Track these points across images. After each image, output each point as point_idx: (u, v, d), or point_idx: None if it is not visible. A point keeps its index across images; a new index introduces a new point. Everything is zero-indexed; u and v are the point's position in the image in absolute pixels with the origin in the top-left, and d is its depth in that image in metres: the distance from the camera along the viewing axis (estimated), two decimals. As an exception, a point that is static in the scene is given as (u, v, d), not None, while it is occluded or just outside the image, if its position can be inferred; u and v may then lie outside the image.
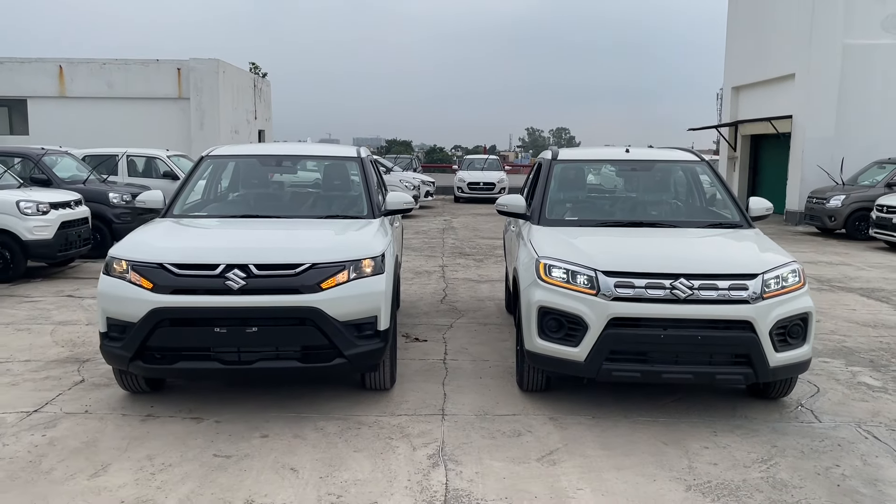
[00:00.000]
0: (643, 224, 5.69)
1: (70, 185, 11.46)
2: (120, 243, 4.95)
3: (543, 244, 5.12)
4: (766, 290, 4.56)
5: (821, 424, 4.77)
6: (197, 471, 3.96)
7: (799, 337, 4.69)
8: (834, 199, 15.61)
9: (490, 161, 27.76)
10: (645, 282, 4.54)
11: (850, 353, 6.50)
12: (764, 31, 20.97)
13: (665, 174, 6.56)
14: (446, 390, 5.32)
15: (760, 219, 5.79)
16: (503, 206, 6.05)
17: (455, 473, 3.97)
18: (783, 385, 5.02)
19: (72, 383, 5.43)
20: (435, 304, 8.41)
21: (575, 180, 6.53)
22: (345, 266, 4.66)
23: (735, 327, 4.52)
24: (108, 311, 4.64)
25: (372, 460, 4.12)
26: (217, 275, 4.48)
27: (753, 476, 3.99)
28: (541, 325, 4.79)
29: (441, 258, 12.10)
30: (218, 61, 23.14)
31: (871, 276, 10.74)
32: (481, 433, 4.53)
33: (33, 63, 22.93)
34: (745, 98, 22.91)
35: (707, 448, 4.36)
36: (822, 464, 4.16)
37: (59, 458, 4.11)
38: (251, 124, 26.81)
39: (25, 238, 9.36)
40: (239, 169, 6.65)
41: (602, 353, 4.57)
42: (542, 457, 4.20)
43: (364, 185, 6.05)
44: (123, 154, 14.80)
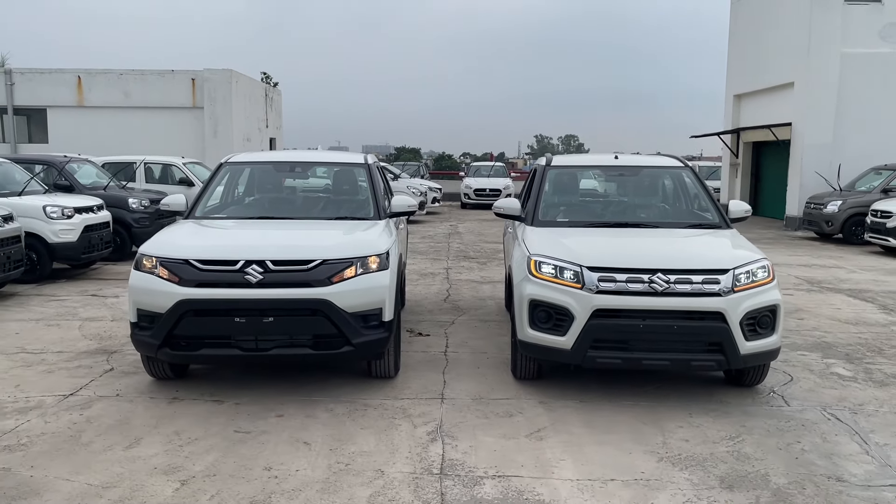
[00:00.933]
0: (628, 225, 6.13)
1: (91, 192, 12.00)
2: (149, 242, 5.44)
3: (535, 243, 5.58)
4: (736, 284, 4.99)
5: (789, 408, 5.19)
6: (220, 444, 4.43)
7: (768, 327, 5.11)
8: (831, 205, 15.97)
9: (496, 168, 28.23)
10: (626, 276, 4.98)
11: (828, 347, 6.91)
12: (764, 41, 21.39)
13: (651, 179, 7.02)
14: (446, 378, 5.78)
15: (739, 220, 6.22)
16: (501, 209, 6.51)
17: (451, 447, 4.42)
18: (756, 372, 5.44)
19: (102, 371, 5.91)
20: (438, 302, 8.86)
21: (566, 185, 6.99)
22: (353, 262, 5.13)
23: (708, 318, 4.96)
24: (139, 303, 5.13)
25: (377, 436, 4.58)
26: (237, 269, 4.96)
27: (720, 450, 4.42)
28: (531, 317, 5.24)
29: (446, 261, 12.56)
30: (231, 72, 23.77)
31: (861, 279, 11.11)
32: (476, 414, 4.98)
33: (53, 73, 23.64)
34: (747, 105, 23.31)
35: (681, 427, 4.79)
36: (785, 440, 4.58)
37: (97, 433, 4.58)
38: (263, 132, 27.43)
39: (51, 241, 9.89)
40: (255, 174, 7.15)
41: (587, 342, 5.01)
42: (531, 434, 4.64)
43: (371, 189, 6.53)
44: (141, 161, 15.37)
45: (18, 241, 9.01)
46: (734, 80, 23.77)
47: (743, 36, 23.09)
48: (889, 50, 18.59)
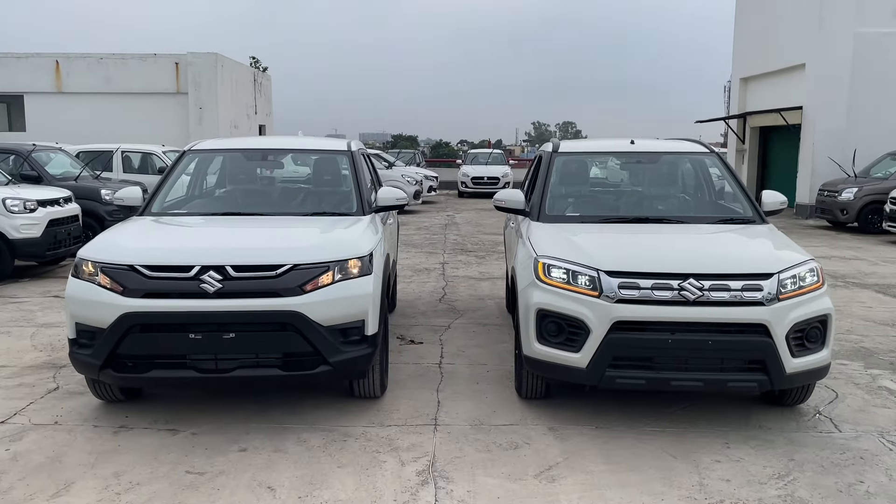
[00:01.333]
0: (649, 220, 5.36)
1: (62, 182, 11.20)
2: (89, 244, 4.66)
3: (542, 242, 4.80)
4: (782, 291, 4.23)
5: (841, 434, 4.44)
6: (166, 490, 3.67)
7: (817, 341, 4.36)
8: (846, 192, 15.22)
9: (494, 155, 27.42)
10: (651, 282, 4.21)
11: (869, 354, 6.17)
12: (772, 21, 20.54)
13: (672, 167, 6.22)
14: (440, 397, 5.02)
15: (774, 213, 5.45)
16: (501, 202, 5.73)
17: (445, 492, 3.66)
18: (800, 392, 4.69)
19: (45, 391, 5.14)
20: (433, 303, 8.10)
21: (577, 174, 6.20)
22: (329, 267, 4.35)
23: (749, 331, 4.19)
24: (77, 317, 4.36)
25: (356, 477, 3.82)
26: (191, 277, 4.18)
27: (770, 494, 3.67)
28: (539, 329, 4.47)
29: (442, 255, 11.79)
30: (216, 55, 22.85)
31: (886, 272, 10.37)
32: (475, 446, 4.22)
33: (30, 58, 22.70)
34: (754, 89, 22.49)
35: (719, 462, 4.04)
36: (845, 479, 3.83)
37: (20, 476, 3.82)
38: (251, 119, 26.52)
39: (12, 236, 9.10)
40: (223, 164, 6.34)
41: (605, 360, 4.25)
42: (541, 472, 3.89)
43: (354, 180, 5.73)
44: (118, 150, 14.54)
45: (-28, 238, 8.21)
46: (741, 62, 22.94)
47: (750, 16, 22.23)
48: (905, 29, 17.75)
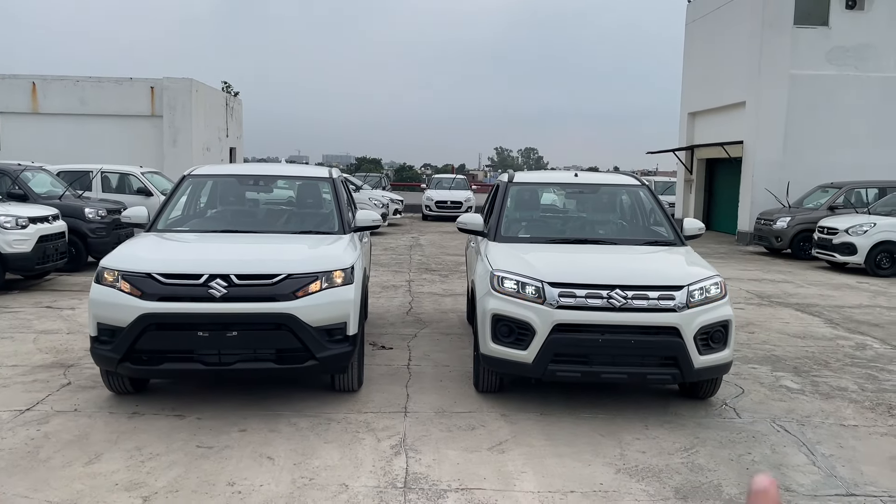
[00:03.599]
0: (588, 241, 6.30)
1: (46, 201, 11.77)
2: (110, 255, 5.40)
3: (497, 258, 5.69)
4: (690, 300, 5.17)
5: (740, 420, 5.38)
6: (182, 459, 4.42)
7: (720, 342, 5.30)
8: (780, 221, 16.49)
9: (458, 181, 28.42)
10: (585, 292, 5.13)
11: (777, 360, 7.16)
12: (717, 61, 22.04)
13: (609, 197, 7.21)
14: (409, 391, 5.84)
15: (693, 237, 6.44)
16: (463, 224, 6.62)
17: (415, 460, 4.48)
18: (709, 385, 5.63)
19: (59, 385, 5.82)
20: (401, 315, 8.92)
21: (529, 201, 7.14)
22: (318, 277, 5.17)
23: (664, 333, 5.12)
24: (99, 317, 5.08)
25: (340, 450, 4.61)
26: (201, 283, 4.96)
27: (675, 461, 4.57)
28: (494, 331, 5.34)
29: (408, 273, 12.62)
30: (191, 80, 23.52)
31: (808, 293, 11.51)
32: (439, 427, 5.05)
33: (6, 79, 23.07)
34: (701, 123, 23.95)
35: (638, 439, 4.93)
36: (736, 452, 4.76)
37: (55, 449, 4.53)
38: (223, 142, 27.16)
39: (5, 251, 9.67)
40: (218, 187, 7.13)
41: (548, 356, 5.13)
42: (493, 447, 4.73)
43: (335, 203, 6.57)
44: (98, 170, 15.11)
45: (-30, 252, 8.80)
46: (689, 98, 24.42)
47: (697, 56, 23.75)
48: (835, 72, 19.32)
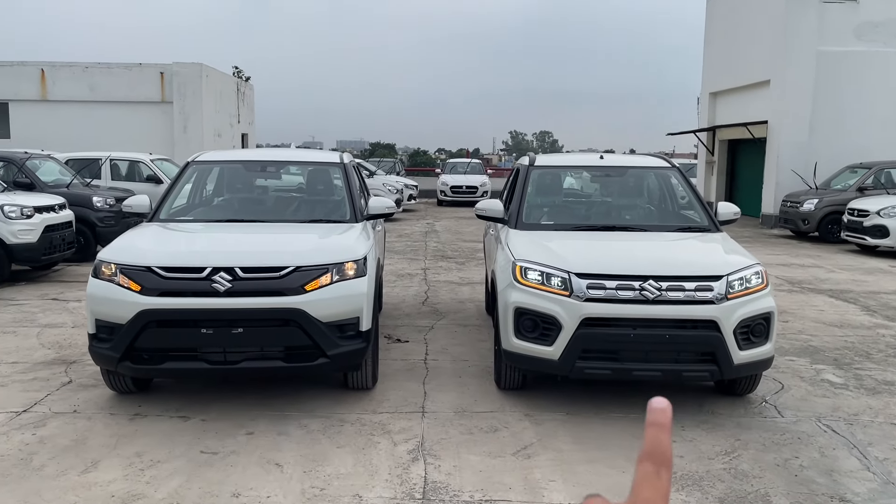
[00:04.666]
0: (616, 228, 5.91)
1: (54, 189, 11.51)
2: (108, 247, 5.09)
3: (520, 247, 5.32)
4: (730, 291, 4.78)
5: (783, 419, 5.00)
6: (185, 466, 4.11)
7: (762, 335, 4.92)
8: (807, 203, 15.96)
9: (473, 165, 27.98)
10: (616, 283, 4.75)
11: (816, 351, 6.76)
12: (740, 39, 21.39)
13: (638, 180, 6.80)
14: (427, 389, 5.50)
15: (728, 223, 6.03)
16: (482, 211, 6.25)
17: (434, 467, 4.15)
18: (748, 382, 5.25)
19: (59, 384, 5.54)
20: (417, 306, 8.58)
21: (551, 186, 6.75)
22: (328, 269, 4.83)
23: (701, 326, 4.74)
24: (97, 313, 4.78)
25: (354, 455, 4.29)
26: (204, 277, 4.64)
27: (717, 467, 4.21)
28: (517, 325, 4.98)
29: (424, 261, 12.28)
30: (201, 65, 23.19)
31: (840, 278, 11.05)
32: (459, 429, 4.72)
33: (15, 66, 22.87)
34: (723, 103, 23.33)
35: (674, 441, 4.56)
36: (782, 455, 4.39)
37: (50, 456, 4.24)
38: (234, 128, 26.87)
39: (10, 242, 9.42)
40: (224, 174, 6.80)
41: (575, 352, 4.77)
42: (518, 451, 4.39)
43: (347, 190, 6.22)
44: (107, 158, 14.84)
45: (-27, 243, 8.55)
46: (710, 77, 23.77)
47: (719, 34, 23.09)
48: (864, 48, 18.65)
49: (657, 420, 0.53)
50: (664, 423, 0.52)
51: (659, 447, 0.52)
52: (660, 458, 0.51)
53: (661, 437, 0.52)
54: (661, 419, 0.53)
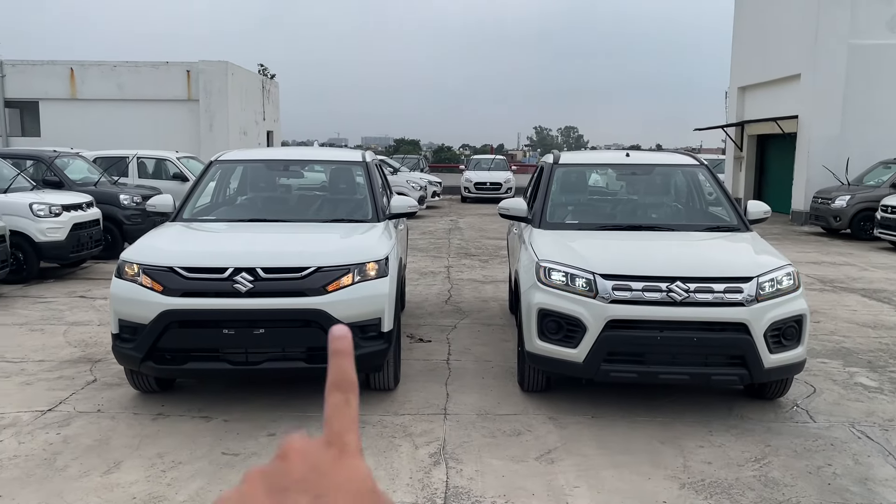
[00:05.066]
0: (642, 228, 5.79)
1: (82, 188, 11.63)
2: (131, 247, 5.09)
3: (543, 247, 5.24)
4: (760, 293, 4.66)
5: (815, 424, 4.86)
6: (206, 468, 4.10)
7: (793, 338, 4.78)
8: (839, 200, 15.63)
9: (497, 161, 27.83)
10: (642, 285, 4.65)
11: (849, 353, 6.58)
12: (769, 32, 20.99)
13: (664, 178, 6.67)
14: (449, 390, 5.45)
15: (758, 222, 5.88)
16: (505, 210, 6.17)
17: (456, 471, 4.09)
18: (779, 385, 5.11)
19: (84, 383, 5.58)
20: (440, 304, 8.53)
21: (576, 184, 6.65)
22: (349, 269, 4.79)
23: (730, 329, 4.63)
24: (120, 313, 4.79)
25: (375, 458, 4.25)
26: (225, 278, 4.62)
27: (746, 475, 4.09)
28: (540, 327, 4.90)
29: (447, 259, 12.22)
30: (227, 63, 23.33)
31: (874, 277, 10.78)
32: (482, 432, 4.65)
33: (45, 65, 23.19)
34: (751, 98, 22.93)
35: (702, 447, 4.46)
36: (815, 463, 4.26)
37: (73, 456, 4.25)
38: (260, 125, 27.00)
39: (38, 239, 9.53)
40: (247, 173, 6.79)
41: (600, 355, 4.68)
42: (541, 455, 4.31)
43: (369, 188, 6.17)
44: (134, 156, 14.98)
45: (3, 241, 8.66)
46: (738, 71, 23.38)
47: (748, 27, 22.69)
48: (898, 41, 18.19)
49: (339, 348, 0.53)
50: (346, 350, 0.53)
51: (345, 375, 0.53)
52: (346, 386, 0.52)
53: (345, 365, 0.53)
54: (343, 346, 0.53)
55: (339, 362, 0.53)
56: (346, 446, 0.51)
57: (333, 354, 0.54)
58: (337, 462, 0.51)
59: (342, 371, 0.53)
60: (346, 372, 0.53)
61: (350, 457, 0.51)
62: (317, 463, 0.50)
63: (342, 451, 0.51)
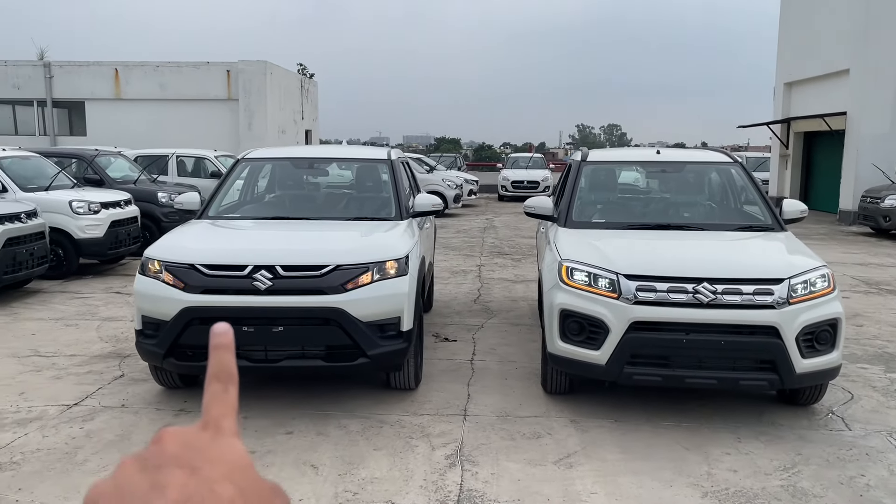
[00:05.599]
0: (671, 227, 5.63)
1: (121, 185, 11.87)
2: (155, 244, 5.15)
3: (567, 246, 5.13)
4: (792, 295, 4.48)
5: (850, 433, 4.66)
6: (222, 465, 4.10)
7: (827, 343, 4.59)
8: (889, 199, 15.07)
9: (534, 159, 27.62)
10: (667, 285, 4.51)
11: (892, 359, 6.31)
12: (817, 26, 20.37)
13: (696, 176, 6.47)
14: (470, 391, 5.37)
15: (794, 221, 5.67)
16: (531, 208, 6.06)
17: (471, 474, 4.02)
18: (813, 391, 4.91)
19: (112, 378, 5.65)
20: (468, 303, 8.46)
21: (605, 182, 6.50)
22: (368, 268, 4.75)
23: (760, 333, 4.46)
24: (144, 310, 4.83)
25: (390, 459, 4.20)
26: (245, 275, 4.63)
27: (773, 484, 3.93)
28: (562, 328, 4.80)
29: (479, 257, 12.14)
30: (266, 63, 23.61)
31: (923, 279, 10.36)
32: (501, 434, 4.57)
33: (91, 66, 23.79)
34: (798, 94, 22.29)
35: (728, 454, 4.31)
36: (847, 473, 4.07)
37: (94, 451, 4.30)
38: (298, 124, 27.27)
39: (77, 236, 9.74)
40: (273, 171, 6.82)
41: (623, 357, 4.55)
42: (560, 459, 4.21)
43: (393, 187, 6.13)
44: (173, 155, 15.26)
45: (42, 238, 8.87)
46: (785, 67, 22.75)
47: (795, 20, 22.05)
48: (954, 34, 17.46)
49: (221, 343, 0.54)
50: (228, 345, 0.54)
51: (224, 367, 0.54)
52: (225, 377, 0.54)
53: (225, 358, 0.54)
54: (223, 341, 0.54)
55: (219, 355, 0.54)
56: (222, 428, 0.52)
57: (214, 349, 0.54)
58: (212, 441, 0.51)
59: (222, 363, 0.54)
60: (225, 364, 0.54)
61: (225, 436, 0.51)
62: (191, 441, 0.50)
63: (217, 432, 0.51)
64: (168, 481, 0.46)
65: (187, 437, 0.50)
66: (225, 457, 0.49)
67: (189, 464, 0.48)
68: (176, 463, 0.48)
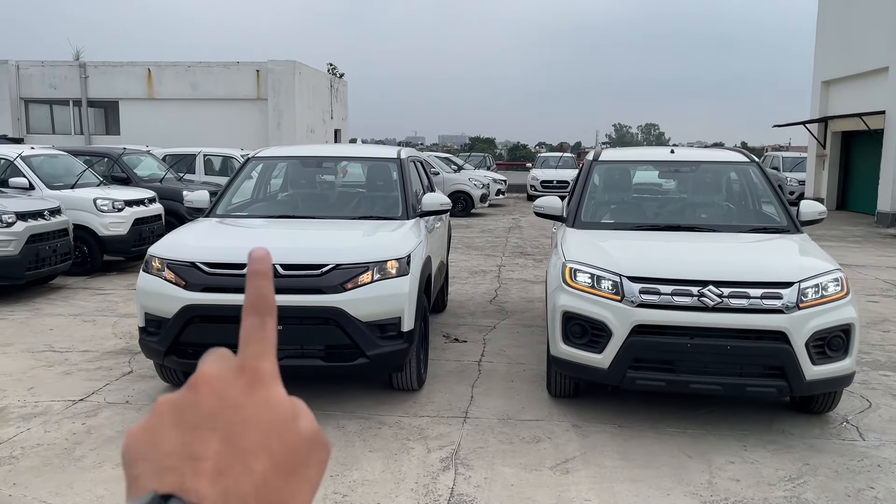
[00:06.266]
0: (681, 228, 5.49)
1: (148, 184, 12.04)
2: (159, 242, 5.18)
3: (572, 247, 5.03)
4: (802, 300, 4.32)
5: (863, 442, 4.48)
6: (215, 464, 4.10)
7: (840, 349, 4.42)
8: (928, 200, 14.58)
9: (564, 159, 27.37)
10: (671, 288, 4.39)
11: (917, 366, 6.08)
12: (856, 23, 19.81)
13: (710, 176, 6.30)
14: (474, 393, 5.30)
15: (812, 223, 5.48)
16: (540, 208, 5.97)
17: (464, 478, 3.96)
18: (826, 399, 4.74)
19: (120, 374, 5.71)
20: (483, 304, 8.38)
21: (616, 182, 6.37)
22: (368, 267, 4.72)
23: (767, 338, 4.31)
24: (146, 307, 4.87)
25: (384, 461, 4.16)
26: (244, 273, 4.59)
27: (776, 495, 3.80)
28: (565, 331, 4.70)
29: (501, 257, 12.04)
30: (294, 63, 23.78)
31: (960, 284, 9.98)
32: (499, 438, 4.50)
33: (125, 66, 24.23)
34: (836, 93, 21.71)
35: (732, 463, 4.17)
36: (855, 485, 3.91)
37: (92, 447, 4.33)
38: (327, 124, 27.42)
39: (101, 233, 9.90)
40: (282, 170, 6.83)
41: (626, 361, 4.45)
42: (556, 465, 4.13)
43: (400, 186, 6.09)
44: (200, 154, 15.45)
45: (66, 235, 9.02)
46: (822, 65, 22.18)
47: (832, 17, 21.49)
48: None
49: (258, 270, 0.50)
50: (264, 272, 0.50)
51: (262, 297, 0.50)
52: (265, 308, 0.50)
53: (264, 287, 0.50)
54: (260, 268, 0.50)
55: (256, 283, 0.50)
56: (259, 373, 0.49)
57: (251, 276, 0.51)
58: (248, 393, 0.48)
59: (259, 293, 0.50)
60: (263, 293, 0.50)
61: (263, 386, 0.48)
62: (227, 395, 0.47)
63: (254, 380, 0.48)
64: (203, 451, 0.45)
65: (224, 390, 0.48)
66: (262, 417, 0.47)
67: (224, 427, 0.46)
68: (211, 425, 0.46)
